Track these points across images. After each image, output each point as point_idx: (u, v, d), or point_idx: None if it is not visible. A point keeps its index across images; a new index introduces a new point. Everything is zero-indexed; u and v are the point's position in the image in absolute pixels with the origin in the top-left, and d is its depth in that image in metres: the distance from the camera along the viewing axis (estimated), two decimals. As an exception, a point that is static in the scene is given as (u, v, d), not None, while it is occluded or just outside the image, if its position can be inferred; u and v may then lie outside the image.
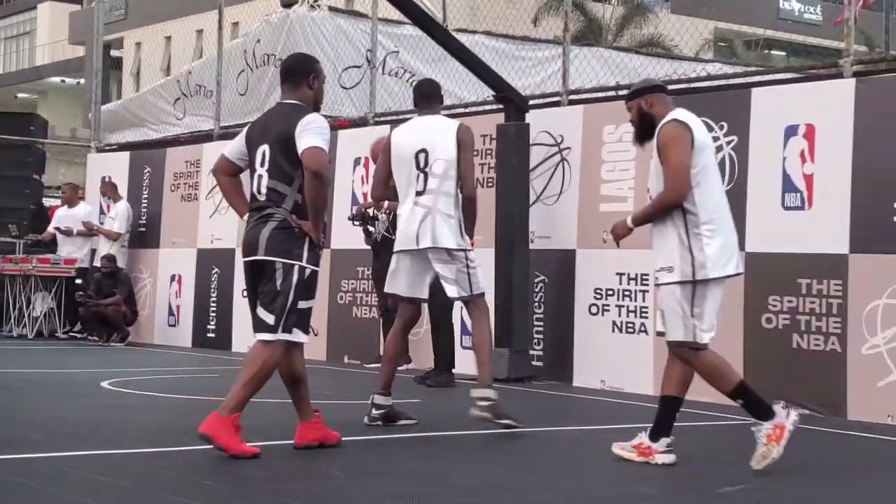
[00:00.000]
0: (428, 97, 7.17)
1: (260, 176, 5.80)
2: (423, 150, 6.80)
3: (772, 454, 5.56)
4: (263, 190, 5.76)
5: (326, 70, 13.99)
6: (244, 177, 6.08)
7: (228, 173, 6.09)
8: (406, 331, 7.10)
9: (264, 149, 5.81)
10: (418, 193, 6.77)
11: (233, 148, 6.05)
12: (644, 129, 5.87)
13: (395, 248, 6.90)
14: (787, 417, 5.62)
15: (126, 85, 31.28)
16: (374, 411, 6.81)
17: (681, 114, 5.78)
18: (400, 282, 6.86)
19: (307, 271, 5.69)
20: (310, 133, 5.69)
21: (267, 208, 5.73)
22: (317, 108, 6.00)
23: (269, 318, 5.64)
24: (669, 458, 5.70)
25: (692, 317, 5.65)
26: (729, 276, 5.78)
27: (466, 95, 12.41)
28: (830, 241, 8.25)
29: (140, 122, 16.28)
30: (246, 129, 6.06)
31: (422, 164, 6.78)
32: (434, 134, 6.87)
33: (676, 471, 5.70)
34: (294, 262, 5.65)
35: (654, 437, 5.75)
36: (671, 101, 5.97)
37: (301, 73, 6.02)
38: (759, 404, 5.68)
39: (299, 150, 5.65)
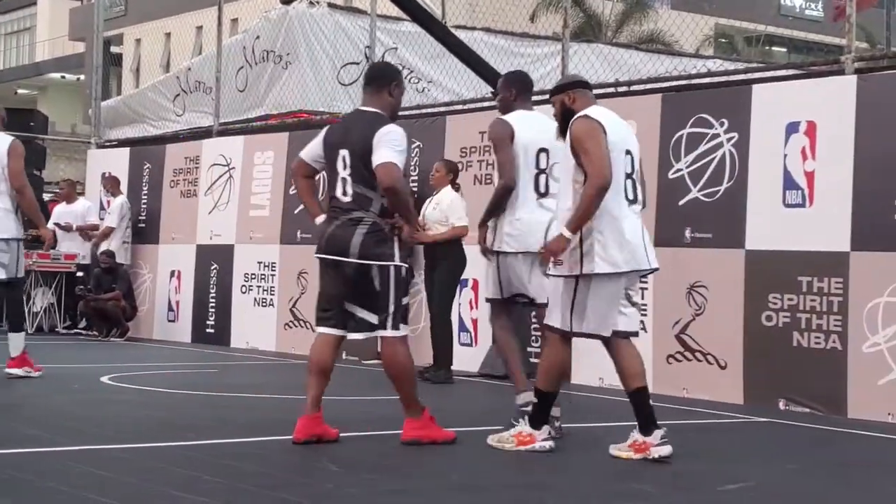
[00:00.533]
0: (531, 90, 6.89)
1: (344, 179, 5.94)
2: (545, 150, 6.49)
3: (505, 445, 5.89)
4: (349, 193, 5.92)
5: (325, 66, 14.11)
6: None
7: (305, 175, 6.24)
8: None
9: (345, 153, 5.94)
10: (541, 195, 6.45)
11: (310, 151, 6.18)
12: (567, 124, 5.94)
13: (516, 248, 6.41)
14: (542, 439, 5.88)
15: (126, 81, 31.25)
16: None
17: (593, 110, 5.87)
18: (528, 284, 6.49)
19: (402, 269, 5.94)
20: (384, 146, 5.84)
21: (354, 211, 5.90)
22: (394, 118, 6.12)
23: (373, 318, 5.92)
24: (666, 450, 5.71)
25: (572, 309, 5.77)
26: (621, 273, 5.77)
27: (465, 92, 12.40)
28: (831, 239, 8.24)
29: (140, 118, 16.28)
30: (324, 131, 6.17)
31: (542, 165, 6.48)
32: (552, 135, 6.39)
33: (676, 468, 5.69)
34: (389, 264, 5.88)
35: (646, 431, 5.76)
36: (593, 98, 6.09)
37: (384, 80, 6.16)
38: (541, 415, 5.94)
39: (373, 164, 5.82)
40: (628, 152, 5.91)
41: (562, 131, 6.01)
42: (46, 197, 16.19)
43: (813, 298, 8.30)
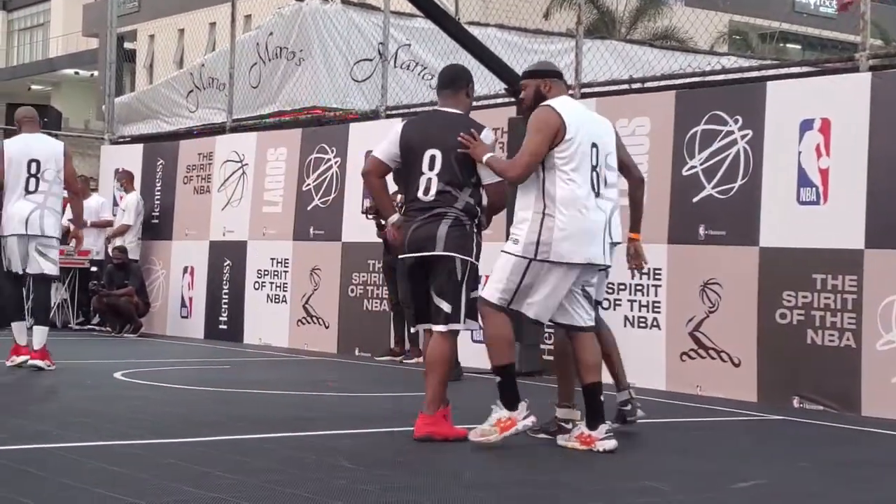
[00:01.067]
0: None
1: (429, 179, 6.08)
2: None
3: (490, 437, 5.80)
4: (432, 192, 6.08)
5: (338, 63, 14.11)
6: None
7: (380, 175, 6.34)
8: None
9: (433, 153, 6.08)
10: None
11: (386, 151, 6.25)
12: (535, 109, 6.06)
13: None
14: (523, 417, 5.84)
15: (139, 77, 31.30)
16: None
17: (559, 101, 5.94)
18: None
19: (476, 267, 6.13)
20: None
21: (436, 208, 6.06)
22: None
23: (448, 308, 6.05)
24: (611, 444, 5.80)
25: (516, 291, 5.84)
26: (574, 265, 5.82)
27: (478, 89, 12.26)
28: (846, 237, 8.21)
29: (153, 114, 16.29)
30: (400, 132, 6.25)
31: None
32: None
33: (690, 466, 5.68)
34: (468, 258, 6.08)
35: (592, 425, 5.84)
36: (566, 89, 6.17)
37: (462, 81, 6.34)
38: (510, 392, 5.90)
39: (484, 178, 6.09)
40: (594, 145, 5.96)
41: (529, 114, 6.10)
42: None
43: (827, 296, 8.27)
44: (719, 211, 8.99)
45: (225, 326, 13.38)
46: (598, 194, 5.94)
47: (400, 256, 6.29)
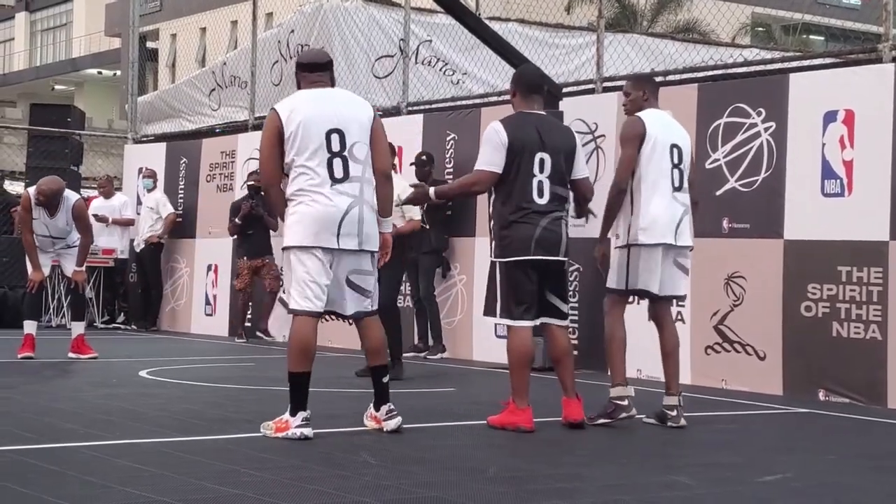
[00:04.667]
0: (658, 90, 7.08)
1: (540, 182, 6.30)
2: (676, 146, 6.76)
3: (267, 432, 5.87)
4: (546, 195, 6.31)
5: (359, 59, 14.11)
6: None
7: (491, 186, 6.46)
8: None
9: (543, 156, 6.31)
10: (676, 189, 6.72)
11: (496, 161, 6.32)
12: None
13: (649, 241, 6.65)
14: (295, 426, 5.82)
15: (162, 76, 31.41)
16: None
17: (289, 99, 6.10)
18: (656, 278, 6.74)
19: None
20: (583, 159, 6.58)
21: (553, 212, 6.32)
22: None
23: (566, 308, 6.51)
24: (394, 423, 6.01)
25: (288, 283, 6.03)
26: (312, 248, 5.89)
27: (500, 84, 12.36)
28: (870, 228, 8.17)
29: (176, 113, 16.36)
30: (506, 138, 6.28)
31: (675, 160, 6.74)
32: (682, 132, 6.88)
33: (715, 459, 5.66)
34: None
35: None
36: (321, 79, 6.17)
37: (544, 83, 6.74)
38: (297, 399, 5.89)
39: (579, 175, 6.48)
40: (336, 131, 5.96)
41: None
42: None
43: (852, 288, 8.23)
44: (743, 204, 8.95)
45: (249, 324, 13.41)
46: (339, 180, 5.91)
47: (518, 259, 6.27)
